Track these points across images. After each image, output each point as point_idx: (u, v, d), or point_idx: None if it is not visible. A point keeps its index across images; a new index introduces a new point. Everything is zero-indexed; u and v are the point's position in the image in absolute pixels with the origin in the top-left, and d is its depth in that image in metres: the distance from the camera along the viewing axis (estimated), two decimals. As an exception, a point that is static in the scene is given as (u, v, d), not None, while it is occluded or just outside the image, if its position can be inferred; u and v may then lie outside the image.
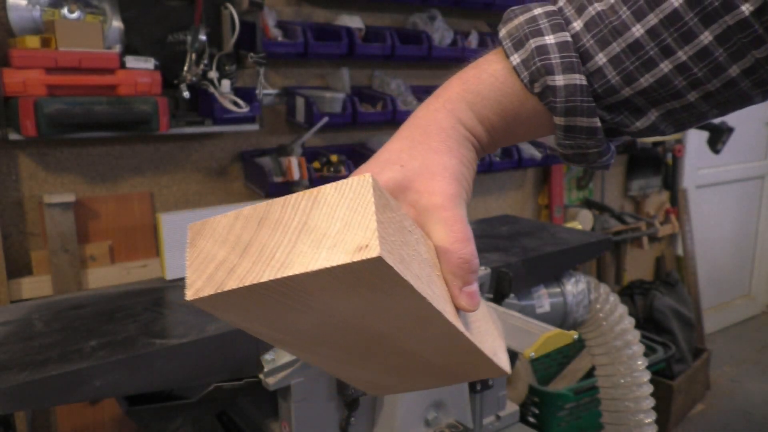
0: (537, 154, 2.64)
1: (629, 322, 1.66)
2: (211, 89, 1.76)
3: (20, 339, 1.04)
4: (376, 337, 0.44)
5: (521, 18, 0.49)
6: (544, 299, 1.57)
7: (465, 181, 0.48)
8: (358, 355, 0.48)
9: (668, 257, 3.73)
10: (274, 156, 1.94)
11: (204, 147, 2.00)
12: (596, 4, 0.47)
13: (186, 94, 1.77)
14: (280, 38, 1.98)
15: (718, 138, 3.21)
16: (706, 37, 0.44)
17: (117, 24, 1.73)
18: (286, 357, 1.09)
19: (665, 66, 0.46)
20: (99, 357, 0.95)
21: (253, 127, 1.91)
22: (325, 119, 1.97)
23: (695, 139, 3.67)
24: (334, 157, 2.03)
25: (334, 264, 0.33)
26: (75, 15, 1.65)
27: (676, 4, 0.44)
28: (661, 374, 2.89)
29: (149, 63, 1.64)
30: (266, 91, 2.02)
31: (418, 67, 2.45)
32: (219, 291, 0.36)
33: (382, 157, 0.49)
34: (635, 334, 1.66)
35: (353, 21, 2.15)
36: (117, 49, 1.63)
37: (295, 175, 1.90)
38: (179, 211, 1.36)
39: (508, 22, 0.50)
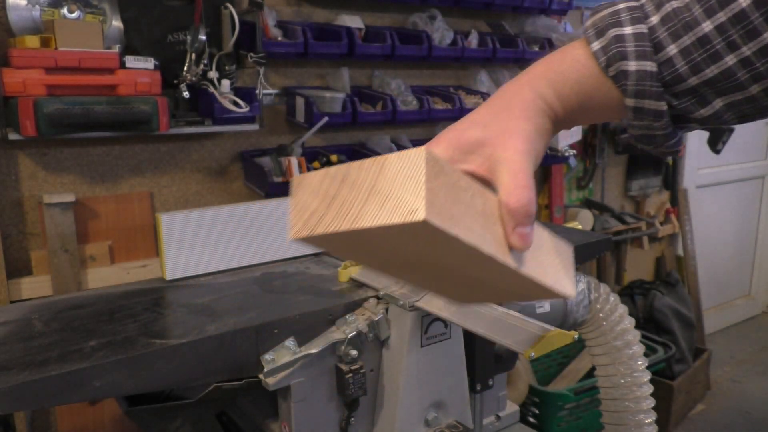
0: (537, 154, 2.64)
1: (629, 322, 1.66)
2: (211, 89, 1.76)
3: (20, 339, 1.04)
4: (447, 268, 0.53)
5: (605, 11, 0.56)
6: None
7: (536, 144, 0.55)
8: (435, 277, 0.57)
9: (668, 257, 3.73)
10: (274, 156, 1.94)
11: (204, 147, 2.00)
12: (673, 2, 0.53)
13: (186, 94, 1.77)
14: (280, 38, 1.97)
15: (718, 138, 3.20)
16: None
17: (117, 24, 1.72)
18: (286, 357, 1.09)
19: (730, 59, 0.51)
20: (99, 357, 0.95)
21: (253, 127, 1.91)
22: (325, 119, 1.97)
23: (695, 139, 3.67)
24: (334, 157, 2.02)
25: (392, 223, 0.42)
26: (75, 15, 1.64)
27: (744, 5, 0.49)
28: (661, 374, 2.89)
29: (149, 63, 1.64)
30: (266, 91, 2.02)
31: (418, 66, 2.45)
32: (311, 235, 0.47)
33: (470, 119, 0.57)
34: (635, 334, 1.66)
35: (353, 21, 2.15)
36: (117, 48, 1.62)
37: (295, 174, 1.90)
38: (179, 211, 1.35)
39: (594, 14, 0.57)
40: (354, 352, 1.14)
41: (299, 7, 2.13)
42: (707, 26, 0.51)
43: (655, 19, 0.53)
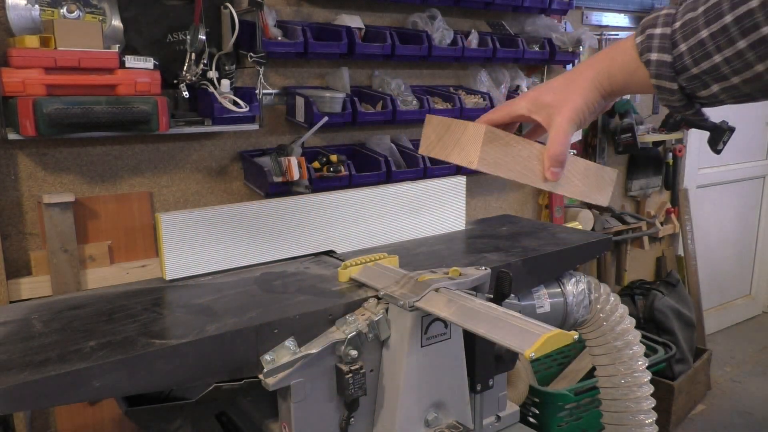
0: (537, 154, 2.63)
1: (630, 322, 1.66)
2: (211, 89, 1.76)
3: (19, 339, 1.04)
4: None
5: (652, 15, 0.79)
6: (544, 299, 1.57)
7: (583, 114, 0.86)
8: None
9: (669, 257, 3.73)
10: (273, 156, 1.94)
11: (203, 147, 1.99)
12: (690, 13, 0.74)
13: (185, 93, 1.77)
14: (279, 38, 1.97)
15: (718, 138, 3.20)
16: (743, 43, 0.69)
17: (116, 23, 1.72)
18: (285, 357, 1.09)
19: (717, 57, 0.71)
20: (98, 357, 0.95)
21: (253, 126, 1.91)
22: (325, 119, 1.96)
23: (696, 139, 3.67)
24: (333, 157, 2.02)
25: (465, 163, 0.86)
26: (74, 14, 1.64)
27: (728, 20, 0.69)
28: (661, 374, 2.88)
29: (149, 63, 1.64)
30: (266, 91, 2.02)
31: (418, 66, 2.45)
32: (428, 154, 0.94)
33: (549, 85, 0.88)
34: (636, 335, 1.65)
35: (353, 21, 2.15)
36: (116, 48, 1.62)
37: (295, 174, 1.90)
38: (179, 211, 1.35)
39: (646, 17, 0.80)
40: (354, 352, 1.13)
41: (299, 6, 2.13)
42: (704, 33, 0.72)
43: (678, 24, 0.74)
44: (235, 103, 1.78)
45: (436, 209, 1.75)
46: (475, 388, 1.34)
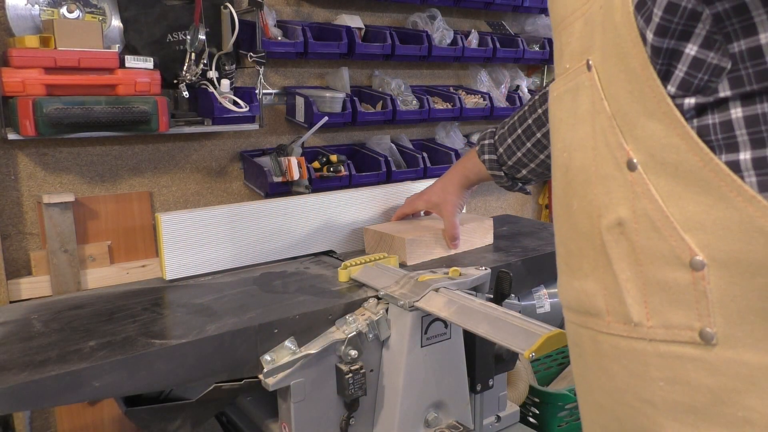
0: (537, 154, 2.64)
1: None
2: (211, 89, 1.76)
3: (19, 339, 1.04)
4: None
5: (483, 133, 1.37)
6: (544, 299, 1.57)
7: (459, 205, 1.47)
8: None
9: (668, 257, 3.73)
10: (273, 156, 1.94)
11: (203, 147, 1.99)
12: (501, 130, 1.31)
13: (185, 93, 1.77)
14: (279, 38, 1.97)
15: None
16: (529, 144, 1.25)
17: (116, 23, 1.72)
18: (285, 357, 1.09)
19: (519, 153, 1.27)
20: (98, 357, 0.95)
21: (253, 126, 1.91)
22: (325, 119, 1.96)
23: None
24: (333, 157, 2.02)
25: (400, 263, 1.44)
26: (74, 14, 1.64)
27: (519, 131, 1.26)
28: (661, 374, 2.88)
29: (149, 62, 1.64)
30: (266, 91, 2.02)
31: (418, 66, 2.45)
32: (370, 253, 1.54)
33: (432, 190, 1.50)
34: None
35: (353, 21, 2.15)
36: (116, 48, 1.62)
37: (295, 174, 1.90)
38: (179, 211, 1.35)
39: (481, 140, 1.36)
40: (354, 352, 1.13)
41: (299, 6, 2.13)
42: (509, 140, 1.27)
43: (496, 137, 1.32)
44: (235, 103, 1.78)
45: (436, 209, 1.74)
46: (475, 388, 1.34)
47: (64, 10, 1.63)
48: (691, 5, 0.47)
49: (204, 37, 1.74)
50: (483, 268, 1.26)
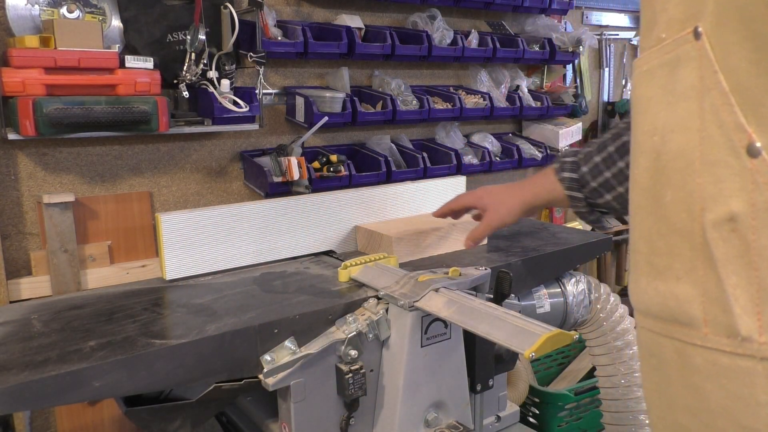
0: (537, 154, 2.64)
1: (630, 322, 1.66)
2: (211, 89, 1.76)
3: (19, 339, 1.04)
4: None
5: (562, 152, 1.24)
6: (544, 299, 1.57)
7: (502, 222, 1.25)
8: None
9: (668, 257, 3.73)
10: (273, 156, 1.94)
11: (203, 147, 1.99)
12: (588, 148, 1.10)
13: (185, 93, 1.77)
14: (279, 38, 1.97)
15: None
16: (621, 163, 1.02)
17: (116, 23, 1.72)
18: (285, 357, 1.09)
19: (607, 173, 1.05)
20: (98, 357, 0.95)
21: (253, 126, 1.91)
22: (325, 119, 1.96)
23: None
24: (333, 157, 2.02)
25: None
26: (74, 14, 1.64)
27: (611, 149, 1.05)
28: (661, 374, 2.88)
29: (149, 62, 1.64)
30: (266, 91, 2.02)
31: (418, 66, 2.45)
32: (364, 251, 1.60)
33: (491, 191, 1.29)
34: (636, 335, 1.65)
35: (353, 21, 2.15)
36: (116, 48, 1.62)
37: (295, 174, 1.90)
38: (179, 211, 1.35)
39: (561, 157, 1.15)
40: (354, 352, 1.13)
41: (299, 6, 2.13)
42: (597, 158, 1.05)
43: (581, 155, 1.10)
44: (235, 103, 1.78)
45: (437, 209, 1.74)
46: (475, 388, 1.34)
47: (64, 10, 1.63)
48: None
49: (204, 37, 1.74)
50: (483, 268, 1.25)
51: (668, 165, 0.51)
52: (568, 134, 2.73)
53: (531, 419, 2.24)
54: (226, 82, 1.79)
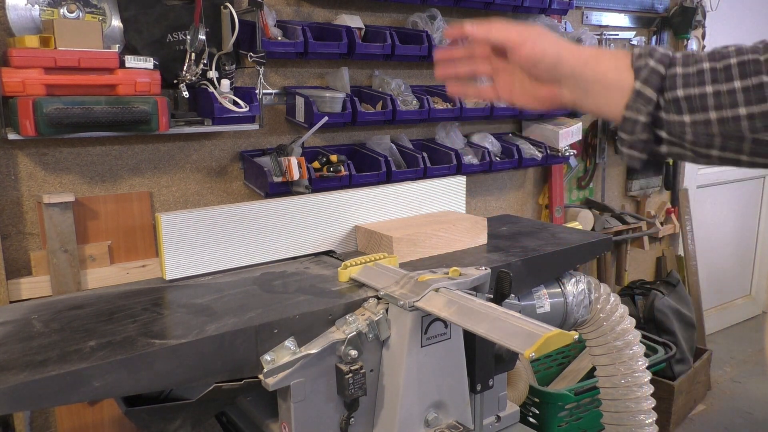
0: (537, 154, 2.64)
1: (630, 322, 1.66)
2: (211, 89, 1.76)
3: (19, 339, 1.04)
4: None
5: (654, 49, 0.81)
6: (544, 299, 1.57)
7: (536, 58, 0.85)
8: None
9: (669, 257, 3.73)
10: (273, 156, 1.94)
11: (203, 147, 1.99)
12: (695, 53, 0.79)
13: (185, 93, 1.77)
14: (279, 38, 1.97)
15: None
16: (738, 83, 0.73)
17: (116, 23, 1.72)
18: (285, 357, 1.09)
19: (709, 88, 0.75)
20: (98, 357, 0.95)
21: (253, 126, 1.91)
22: (325, 119, 1.96)
23: (696, 139, 3.65)
24: (333, 157, 2.02)
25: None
26: (74, 14, 1.64)
27: (733, 61, 0.74)
28: (661, 375, 2.88)
29: (149, 62, 1.64)
30: (266, 91, 2.02)
31: (418, 66, 2.45)
32: (363, 251, 1.61)
33: (547, 36, 0.86)
34: (636, 335, 1.65)
35: (353, 21, 2.15)
36: (116, 48, 1.62)
37: (295, 174, 1.90)
38: (179, 211, 1.35)
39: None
40: (354, 352, 1.13)
41: (299, 6, 2.13)
42: (706, 64, 0.75)
43: (680, 55, 0.79)
44: (235, 103, 1.78)
45: (437, 209, 1.74)
46: (475, 388, 1.34)
47: (64, 10, 1.63)
48: None
49: (204, 37, 1.74)
50: (483, 268, 1.25)
51: None
52: (568, 134, 2.73)
53: (531, 419, 2.24)
54: (226, 82, 1.79)
